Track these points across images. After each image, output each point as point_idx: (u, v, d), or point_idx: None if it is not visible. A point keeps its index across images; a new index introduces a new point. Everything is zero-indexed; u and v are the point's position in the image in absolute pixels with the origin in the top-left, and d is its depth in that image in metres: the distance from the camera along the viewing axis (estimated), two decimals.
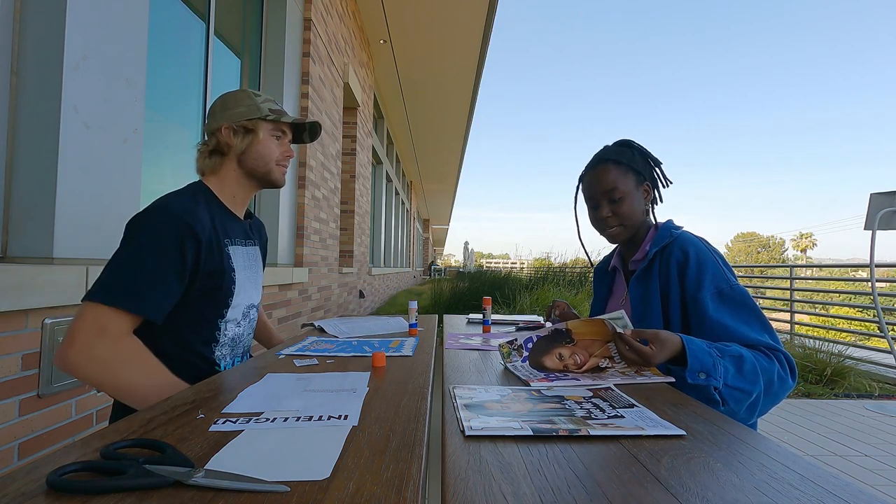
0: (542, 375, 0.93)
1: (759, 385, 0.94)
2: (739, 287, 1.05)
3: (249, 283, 1.14)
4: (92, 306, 0.87)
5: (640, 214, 1.20)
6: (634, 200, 1.19)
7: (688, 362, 0.92)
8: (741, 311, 1.03)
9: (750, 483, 0.49)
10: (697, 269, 1.07)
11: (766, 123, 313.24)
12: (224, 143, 1.10)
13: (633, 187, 1.19)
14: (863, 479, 2.29)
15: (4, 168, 1.32)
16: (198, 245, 0.97)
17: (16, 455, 1.18)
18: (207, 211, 1.05)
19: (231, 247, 1.09)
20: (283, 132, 1.17)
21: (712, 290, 1.05)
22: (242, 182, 1.14)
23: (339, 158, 4.92)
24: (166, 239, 0.93)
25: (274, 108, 1.14)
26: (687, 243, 1.11)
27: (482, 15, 5.54)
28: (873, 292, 4.27)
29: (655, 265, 1.14)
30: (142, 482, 0.45)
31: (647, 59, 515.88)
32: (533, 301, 6.57)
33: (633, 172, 1.19)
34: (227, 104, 1.12)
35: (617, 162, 1.19)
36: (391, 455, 0.53)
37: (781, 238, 71.43)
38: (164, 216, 0.95)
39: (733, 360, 0.94)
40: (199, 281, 0.98)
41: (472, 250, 26.03)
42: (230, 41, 2.92)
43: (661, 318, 1.12)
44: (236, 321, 1.11)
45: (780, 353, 0.99)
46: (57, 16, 1.34)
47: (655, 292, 1.13)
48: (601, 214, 1.19)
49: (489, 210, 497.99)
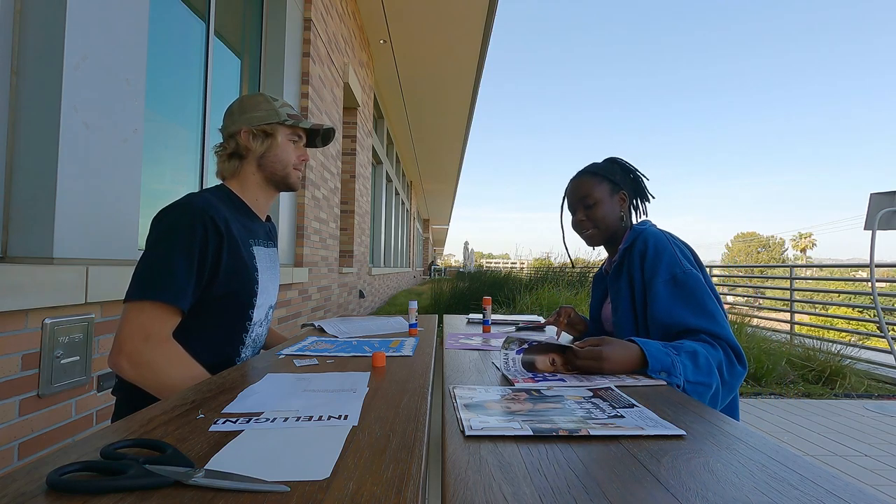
0: (529, 376, 0.93)
1: (716, 376, 0.97)
2: (693, 273, 1.10)
3: (271, 284, 1.17)
4: (132, 306, 0.94)
5: (614, 220, 1.29)
6: (607, 207, 1.28)
7: (648, 363, 0.94)
8: (690, 297, 1.07)
9: (750, 483, 0.49)
10: (654, 257, 1.14)
11: (765, 123, 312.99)
12: (243, 147, 1.14)
13: (606, 195, 1.28)
14: (863, 479, 2.29)
15: (4, 168, 1.32)
16: (219, 239, 1.00)
17: (16, 455, 1.18)
18: (232, 211, 1.09)
19: (255, 247, 1.12)
20: (300, 136, 1.20)
21: (666, 276, 1.11)
22: (262, 185, 1.18)
23: (339, 158, 4.92)
24: (189, 232, 0.97)
25: (292, 114, 1.18)
26: (648, 235, 1.19)
27: (482, 15, 5.54)
28: (873, 292, 4.27)
29: (625, 262, 1.22)
30: (142, 482, 0.45)
31: (648, 59, 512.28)
32: (533, 301, 6.57)
33: (609, 182, 1.29)
34: (244, 107, 1.15)
35: (593, 174, 1.31)
36: (391, 455, 0.53)
37: (781, 238, 71.38)
38: (188, 211, 1.00)
39: (689, 356, 0.97)
40: (222, 276, 1.01)
41: (472, 250, 26.03)
42: (230, 41, 2.92)
43: (631, 311, 1.18)
44: (259, 322, 1.15)
45: (723, 341, 1.02)
46: (57, 16, 1.34)
47: (625, 287, 1.20)
48: (577, 219, 1.31)
49: (489, 210, 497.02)
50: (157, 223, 1.00)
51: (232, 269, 1.03)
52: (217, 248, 1.00)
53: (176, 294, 0.94)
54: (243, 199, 1.15)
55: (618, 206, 1.30)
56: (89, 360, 1.40)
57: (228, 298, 1.04)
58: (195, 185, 2.50)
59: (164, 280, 0.94)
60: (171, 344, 0.96)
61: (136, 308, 0.93)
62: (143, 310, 0.93)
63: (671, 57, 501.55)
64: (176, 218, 0.99)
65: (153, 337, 0.92)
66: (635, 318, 1.18)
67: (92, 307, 1.41)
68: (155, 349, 0.92)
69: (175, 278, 0.94)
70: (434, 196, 20.99)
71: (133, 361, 0.91)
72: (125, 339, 0.91)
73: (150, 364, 0.92)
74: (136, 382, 0.93)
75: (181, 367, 0.95)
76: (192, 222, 0.98)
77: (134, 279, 0.95)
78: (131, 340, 0.91)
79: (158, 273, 0.94)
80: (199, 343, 1.01)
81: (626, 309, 1.20)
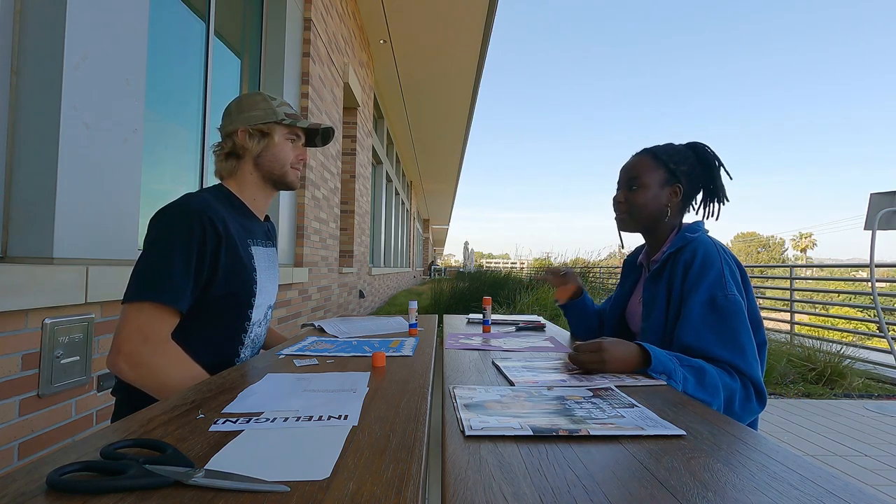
0: (530, 376, 0.93)
1: (720, 399, 0.92)
2: (735, 299, 1.01)
3: (269, 284, 1.17)
4: (130, 307, 0.93)
5: (653, 211, 1.17)
6: (651, 195, 1.16)
7: (651, 362, 0.92)
8: (724, 326, 0.99)
9: (750, 483, 0.49)
10: (699, 271, 1.05)
11: (765, 124, 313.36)
12: (240, 146, 1.13)
13: (656, 183, 1.16)
14: (863, 479, 2.29)
15: (4, 168, 1.32)
16: (218, 240, 1.00)
17: (16, 455, 1.18)
18: (230, 211, 1.08)
19: (254, 247, 1.12)
20: (298, 136, 1.20)
21: (706, 296, 1.02)
22: (260, 185, 1.17)
23: (339, 158, 4.92)
24: (187, 232, 0.97)
25: (290, 113, 1.17)
26: (698, 245, 1.08)
27: (482, 15, 5.54)
28: (873, 292, 4.27)
29: (668, 267, 1.13)
30: (142, 482, 0.45)
31: (649, 59, 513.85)
32: (532, 301, 6.57)
33: (666, 170, 1.16)
34: (242, 107, 1.14)
35: (654, 156, 1.18)
36: (391, 455, 0.53)
37: (781, 238, 71.37)
38: (184, 211, 0.99)
39: (693, 371, 0.93)
40: (221, 276, 1.01)
41: (472, 250, 26.00)
42: (230, 41, 2.92)
43: (663, 321, 1.10)
44: (259, 322, 1.14)
45: (746, 378, 0.96)
46: (57, 16, 1.34)
47: (662, 295, 1.11)
48: (615, 198, 1.23)
49: (489, 210, 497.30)
50: (154, 223, 0.99)
51: (230, 269, 1.02)
52: (215, 249, 0.99)
53: (174, 295, 0.94)
54: (241, 199, 1.15)
55: (666, 199, 1.17)
56: (89, 360, 1.40)
57: (227, 299, 1.04)
58: (195, 185, 2.50)
59: (162, 281, 0.93)
60: (171, 345, 0.95)
61: (134, 309, 0.92)
62: (141, 311, 0.92)
63: (671, 57, 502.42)
64: (173, 218, 0.99)
65: (152, 338, 0.92)
66: (664, 330, 1.10)
67: (92, 307, 1.41)
68: (154, 350, 0.92)
69: (173, 279, 0.94)
70: (434, 196, 20.98)
71: (132, 363, 0.91)
72: (124, 341, 0.91)
73: (149, 365, 0.91)
74: (136, 384, 0.92)
75: (180, 367, 0.94)
76: (190, 223, 0.97)
77: (132, 280, 0.94)
78: (130, 342, 0.91)
79: (156, 274, 0.94)
80: (199, 343, 1.01)
81: (659, 319, 1.11)
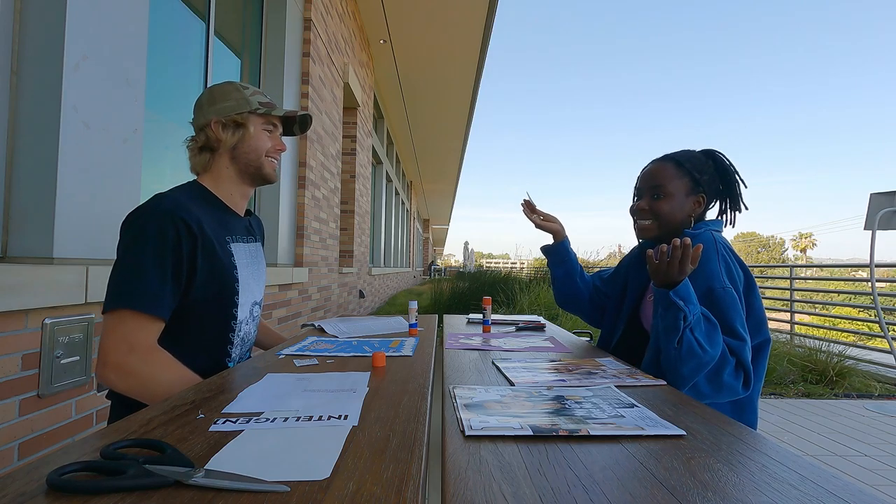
0: (530, 376, 0.93)
1: (716, 355, 0.97)
2: (731, 292, 1.05)
3: (253, 280, 1.13)
4: (110, 317, 0.90)
5: (679, 220, 1.18)
6: (677, 204, 1.17)
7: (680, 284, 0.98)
8: (721, 316, 1.03)
9: (750, 483, 0.49)
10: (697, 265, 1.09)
11: (765, 123, 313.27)
12: (214, 139, 1.08)
13: (682, 192, 1.17)
14: (863, 479, 2.29)
15: (4, 168, 1.32)
16: (193, 241, 0.96)
17: (16, 455, 1.18)
18: (205, 208, 1.04)
19: (233, 244, 1.08)
20: (274, 125, 1.15)
21: (704, 287, 1.06)
22: (236, 179, 1.13)
23: (339, 158, 4.92)
24: (159, 236, 0.93)
25: (263, 101, 1.12)
26: (699, 240, 1.11)
27: (482, 15, 5.54)
28: (873, 292, 4.27)
29: None
30: (142, 482, 0.45)
31: (649, 58, 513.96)
32: (533, 301, 6.57)
33: (691, 179, 1.17)
34: (214, 98, 1.09)
35: (678, 164, 1.18)
36: (391, 455, 0.53)
37: (781, 238, 71.41)
38: (156, 213, 0.95)
39: (707, 322, 0.98)
40: (199, 277, 0.97)
41: (472, 250, 26.01)
42: (230, 41, 2.92)
43: None
44: (245, 320, 1.11)
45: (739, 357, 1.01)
46: (57, 16, 1.34)
47: None
48: (638, 205, 1.22)
49: (489, 210, 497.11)
50: (126, 228, 0.95)
51: (208, 270, 0.99)
52: (191, 251, 0.95)
53: (152, 302, 0.90)
54: (217, 195, 1.10)
55: (690, 208, 1.18)
56: (89, 360, 1.40)
57: (209, 300, 1.01)
58: None
59: (138, 288, 0.90)
60: (158, 352, 0.92)
61: (114, 318, 0.89)
62: (122, 320, 0.89)
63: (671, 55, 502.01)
64: (144, 222, 0.94)
65: (137, 347, 0.89)
66: None
67: (92, 307, 1.41)
68: (142, 360, 0.89)
69: (149, 286, 0.90)
70: (434, 196, 20.98)
71: (121, 373, 0.88)
72: (109, 352, 0.88)
73: (139, 375, 0.89)
74: (127, 394, 0.90)
75: (171, 373, 0.92)
76: (162, 225, 0.93)
77: (108, 289, 0.91)
78: (116, 352, 0.88)
79: (132, 282, 0.90)
80: (187, 347, 0.98)
81: None
